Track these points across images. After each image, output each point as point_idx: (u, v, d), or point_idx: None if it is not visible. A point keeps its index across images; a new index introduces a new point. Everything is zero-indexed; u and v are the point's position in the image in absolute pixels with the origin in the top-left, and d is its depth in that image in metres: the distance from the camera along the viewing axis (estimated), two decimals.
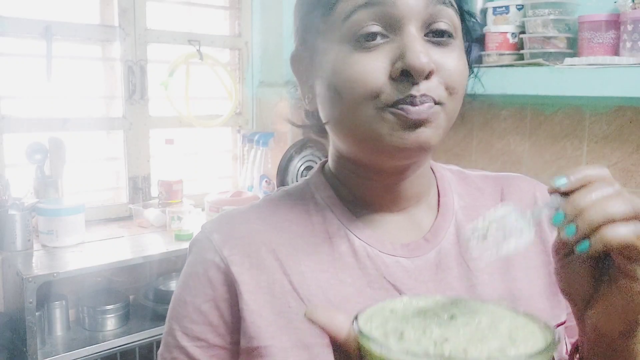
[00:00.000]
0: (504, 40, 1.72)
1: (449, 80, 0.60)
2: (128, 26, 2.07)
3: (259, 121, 2.43)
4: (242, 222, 0.68)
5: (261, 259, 0.65)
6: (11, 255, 1.68)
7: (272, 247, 0.65)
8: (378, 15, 0.59)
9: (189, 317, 0.66)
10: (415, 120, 0.59)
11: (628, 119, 1.64)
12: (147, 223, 2.01)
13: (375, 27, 0.59)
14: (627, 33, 1.45)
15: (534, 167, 1.83)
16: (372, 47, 0.59)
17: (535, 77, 1.59)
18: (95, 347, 1.67)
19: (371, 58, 0.59)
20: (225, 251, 0.65)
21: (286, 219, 0.68)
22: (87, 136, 2.10)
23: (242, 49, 2.41)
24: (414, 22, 0.59)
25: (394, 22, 0.59)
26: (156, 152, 2.19)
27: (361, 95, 0.59)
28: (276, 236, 0.66)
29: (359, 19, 0.59)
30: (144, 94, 2.12)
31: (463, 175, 0.76)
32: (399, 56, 0.58)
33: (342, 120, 0.63)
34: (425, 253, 0.66)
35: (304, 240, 0.66)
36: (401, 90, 0.58)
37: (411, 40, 0.58)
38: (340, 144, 0.68)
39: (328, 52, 0.62)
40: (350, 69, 0.59)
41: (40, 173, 1.86)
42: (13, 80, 1.89)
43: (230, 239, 0.66)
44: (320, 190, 0.70)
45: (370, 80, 0.59)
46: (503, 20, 1.75)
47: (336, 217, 0.67)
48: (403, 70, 0.58)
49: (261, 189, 2.27)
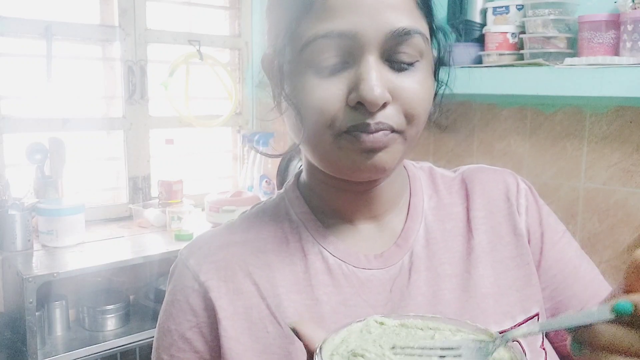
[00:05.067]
0: (504, 40, 1.72)
1: (408, 107, 0.59)
2: (128, 26, 2.07)
3: (259, 121, 2.43)
4: (217, 246, 0.68)
5: (238, 283, 0.64)
6: (11, 255, 1.68)
7: (249, 270, 0.65)
8: (337, 46, 0.57)
9: (175, 345, 0.67)
10: (369, 147, 0.58)
11: (628, 119, 1.64)
12: (147, 223, 2.01)
13: (334, 59, 0.58)
14: (627, 33, 1.45)
15: (534, 167, 1.83)
16: (331, 74, 0.58)
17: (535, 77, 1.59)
18: (95, 347, 1.67)
19: (328, 86, 0.58)
20: (202, 276, 0.65)
21: (261, 237, 0.68)
22: (87, 136, 2.10)
23: (242, 49, 2.41)
24: (374, 52, 0.57)
25: (353, 51, 0.57)
26: (156, 152, 2.19)
27: (318, 122, 0.59)
28: (252, 258, 0.66)
29: (318, 49, 0.57)
30: (144, 94, 2.12)
31: (432, 173, 0.75)
32: (355, 86, 0.57)
33: (304, 141, 0.62)
34: (399, 260, 0.66)
35: (279, 260, 0.66)
36: (356, 119, 0.58)
37: (367, 71, 0.57)
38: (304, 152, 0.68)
39: (291, 73, 0.61)
40: (309, 95, 0.59)
41: (40, 173, 1.86)
42: (13, 80, 1.89)
43: (205, 263, 0.66)
44: (294, 206, 0.70)
45: (326, 108, 0.58)
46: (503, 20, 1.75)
47: (310, 235, 0.67)
48: (358, 101, 0.57)
49: (261, 189, 2.27)
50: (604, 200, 1.70)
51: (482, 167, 0.76)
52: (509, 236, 0.69)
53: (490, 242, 0.68)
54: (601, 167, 1.70)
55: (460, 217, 0.70)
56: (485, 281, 0.66)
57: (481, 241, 0.68)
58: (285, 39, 0.60)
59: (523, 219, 0.70)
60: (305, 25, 0.58)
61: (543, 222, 0.71)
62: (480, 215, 0.70)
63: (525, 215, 0.71)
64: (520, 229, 0.70)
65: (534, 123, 1.84)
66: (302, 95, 0.59)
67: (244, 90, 2.43)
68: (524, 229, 0.70)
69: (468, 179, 0.73)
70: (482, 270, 0.66)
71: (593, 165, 1.72)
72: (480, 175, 0.73)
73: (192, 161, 2.33)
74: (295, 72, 0.60)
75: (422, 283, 0.65)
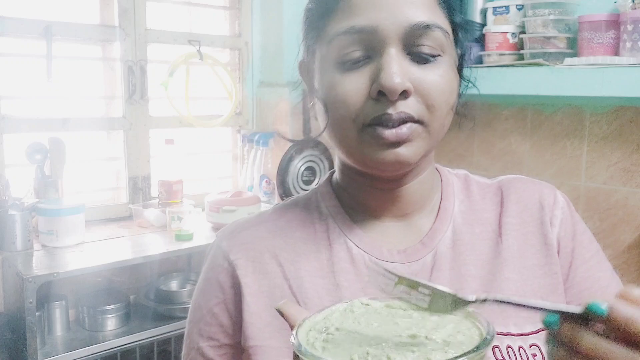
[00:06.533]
0: (504, 40, 1.72)
1: (429, 98, 0.61)
2: (128, 26, 2.07)
3: (259, 121, 2.43)
4: (249, 229, 0.73)
5: (264, 263, 0.69)
6: (11, 255, 1.68)
7: (275, 253, 0.69)
8: (359, 41, 0.61)
9: (204, 319, 0.71)
10: (392, 141, 0.60)
11: (628, 118, 1.64)
12: (147, 223, 2.01)
13: (356, 53, 0.61)
14: (627, 33, 1.45)
15: (534, 166, 1.83)
16: (354, 69, 0.61)
17: (536, 77, 1.59)
18: (95, 347, 1.67)
19: (352, 79, 0.61)
20: (232, 256, 0.70)
21: (290, 226, 0.72)
22: (87, 136, 2.10)
23: (242, 49, 2.41)
24: (394, 45, 0.60)
25: (374, 45, 0.61)
26: (156, 152, 2.19)
27: (343, 116, 0.62)
28: (280, 242, 0.70)
29: (341, 44, 0.61)
30: (144, 94, 2.12)
31: (467, 179, 0.77)
32: (376, 77, 0.60)
33: (332, 136, 0.67)
34: (422, 257, 0.68)
35: (305, 247, 0.69)
36: (377, 110, 0.60)
37: (388, 61, 0.60)
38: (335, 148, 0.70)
39: (320, 70, 0.65)
40: (334, 90, 0.62)
41: (40, 173, 1.86)
42: (13, 80, 1.89)
43: (236, 244, 0.71)
44: (325, 200, 0.73)
45: (350, 101, 0.61)
46: (503, 20, 1.75)
47: (337, 226, 0.70)
48: (379, 90, 0.60)
49: (261, 189, 2.27)
50: (604, 199, 1.70)
51: (521, 177, 0.78)
52: (539, 244, 0.70)
53: (520, 248, 0.69)
54: (601, 166, 1.70)
55: (490, 222, 0.71)
56: (510, 285, 0.67)
57: (510, 246, 0.69)
58: (315, 39, 0.65)
59: (556, 230, 0.71)
60: (331, 24, 0.63)
61: (576, 238, 0.72)
62: (512, 222, 0.71)
63: (559, 228, 0.71)
64: (551, 239, 0.70)
65: (534, 123, 1.84)
66: (327, 90, 0.63)
67: (244, 90, 2.43)
68: (554, 240, 0.71)
69: (504, 186, 0.75)
70: (508, 274, 0.67)
71: (593, 164, 1.72)
72: (518, 184, 0.75)
73: (192, 161, 2.33)
74: (322, 69, 0.64)
75: (443, 281, 0.66)
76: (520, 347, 0.62)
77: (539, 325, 0.64)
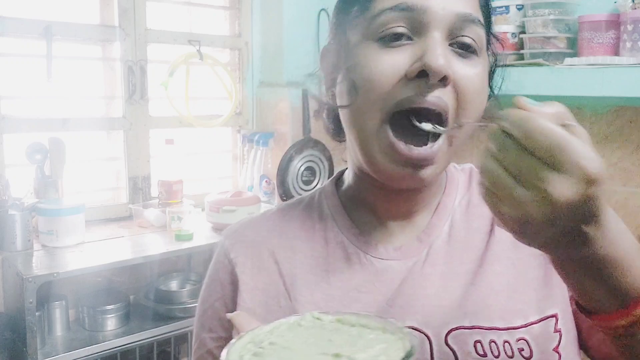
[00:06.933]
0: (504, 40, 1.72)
1: (466, 92, 0.60)
2: (128, 26, 2.07)
3: (259, 121, 2.43)
4: (251, 228, 0.75)
5: (262, 261, 0.71)
6: (11, 255, 1.68)
7: (274, 251, 0.71)
8: (406, 18, 0.60)
9: (206, 313, 0.75)
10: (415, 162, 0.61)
11: (628, 119, 1.64)
12: (147, 223, 2.01)
13: (401, 29, 0.60)
14: (627, 33, 1.45)
15: None
16: (396, 47, 0.60)
17: (535, 77, 1.59)
18: (95, 347, 1.67)
19: (392, 56, 0.60)
20: (232, 254, 0.73)
21: (290, 225, 0.73)
22: (87, 136, 2.10)
23: (242, 49, 2.41)
24: (440, 30, 0.60)
25: (420, 26, 0.60)
26: (156, 152, 2.19)
27: (375, 93, 0.60)
28: (279, 240, 0.72)
29: (387, 19, 0.60)
30: (144, 94, 2.12)
31: (472, 173, 0.77)
32: (419, 57, 0.59)
33: (353, 120, 0.64)
34: (418, 253, 0.68)
35: (303, 245, 0.71)
36: (414, 89, 0.59)
37: (433, 43, 0.59)
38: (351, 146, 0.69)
39: (355, 46, 0.63)
40: (371, 64, 0.61)
41: (40, 173, 1.86)
42: (13, 80, 1.89)
43: (237, 243, 0.74)
44: (328, 199, 0.74)
45: (386, 79, 0.60)
46: (503, 20, 1.75)
47: (336, 225, 0.71)
48: (421, 70, 0.58)
49: (261, 189, 2.27)
50: None
51: None
52: None
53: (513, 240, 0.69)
54: None
55: (487, 215, 0.71)
56: (500, 278, 0.66)
57: (503, 239, 0.68)
58: (356, 15, 0.63)
59: None
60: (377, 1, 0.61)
61: None
62: None
63: None
64: None
65: None
66: (363, 65, 0.61)
67: (244, 90, 2.43)
68: None
69: None
70: (498, 267, 0.67)
71: None
72: None
73: (192, 161, 2.33)
74: (358, 46, 0.62)
75: (435, 277, 0.66)
76: (505, 342, 0.62)
77: (530, 319, 0.64)
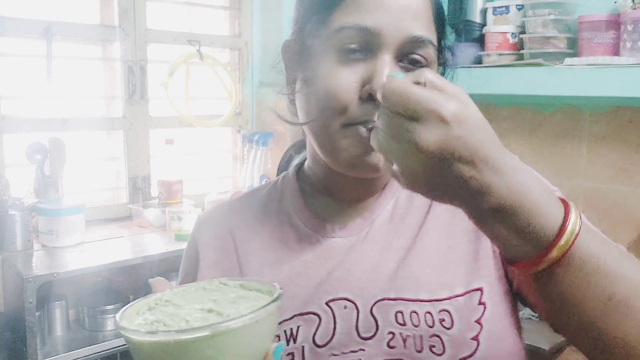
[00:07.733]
0: (504, 40, 1.72)
1: None
2: (128, 26, 2.07)
3: (259, 121, 2.43)
4: (217, 210, 0.82)
5: (222, 239, 0.77)
6: (11, 255, 1.68)
7: (233, 231, 0.77)
8: (361, 39, 0.64)
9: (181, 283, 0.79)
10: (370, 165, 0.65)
11: (627, 118, 1.65)
12: (147, 223, 2.01)
13: (354, 46, 0.64)
14: (627, 33, 1.46)
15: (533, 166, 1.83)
16: (351, 60, 0.64)
17: (535, 77, 1.59)
18: (95, 347, 1.67)
19: (346, 74, 0.64)
20: (197, 234, 0.80)
21: (252, 207, 0.80)
22: (87, 136, 2.10)
23: (242, 49, 2.41)
24: (391, 51, 0.64)
25: (373, 47, 0.64)
26: (156, 152, 2.19)
27: (330, 109, 0.65)
28: (239, 221, 0.78)
29: (344, 37, 0.64)
30: (144, 94, 2.12)
31: None
32: (369, 79, 0.63)
33: (311, 126, 0.69)
34: (361, 230, 0.72)
35: (261, 227, 0.77)
36: (366, 113, 0.63)
37: (382, 65, 0.63)
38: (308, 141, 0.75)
39: (314, 56, 0.67)
40: (327, 80, 0.65)
41: (40, 173, 1.86)
42: (13, 80, 1.89)
43: (204, 223, 0.81)
44: (289, 184, 0.79)
45: (340, 97, 0.64)
46: (503, 20, 1.75)
47: (293, 207, 0.76)
48: (370, 93, 0.63)
49: None
50: (603, 199, 1.70)
51: None
52: None
53: (450, 215, 0.72)
54: (600, 166, 1.70)
55: None
56: (431, 252, 0.69)
57: (440, 214, 0.72)
58: (316, 25, 0.67)
59: None
60: (337, 15, 0.65)
61: None
62: None
63: None
64: None
65: (533, 123, 1.84)
66: (320, 78, 0.66)
67: (244, 90, 2.43)
68: None
69: None
70: (429, 242, 0.70)
71: (592, 164, 1.72)
72: None
73: (192, 161, 2.33)
74: (318, 56, 0.67)
75: (373, 253, 0.70)
76: (427, 313, 0.64)
77: (455, 292, 0.66)
